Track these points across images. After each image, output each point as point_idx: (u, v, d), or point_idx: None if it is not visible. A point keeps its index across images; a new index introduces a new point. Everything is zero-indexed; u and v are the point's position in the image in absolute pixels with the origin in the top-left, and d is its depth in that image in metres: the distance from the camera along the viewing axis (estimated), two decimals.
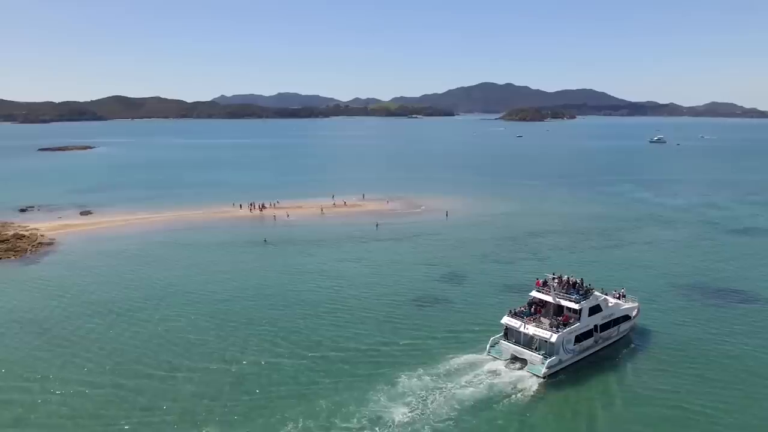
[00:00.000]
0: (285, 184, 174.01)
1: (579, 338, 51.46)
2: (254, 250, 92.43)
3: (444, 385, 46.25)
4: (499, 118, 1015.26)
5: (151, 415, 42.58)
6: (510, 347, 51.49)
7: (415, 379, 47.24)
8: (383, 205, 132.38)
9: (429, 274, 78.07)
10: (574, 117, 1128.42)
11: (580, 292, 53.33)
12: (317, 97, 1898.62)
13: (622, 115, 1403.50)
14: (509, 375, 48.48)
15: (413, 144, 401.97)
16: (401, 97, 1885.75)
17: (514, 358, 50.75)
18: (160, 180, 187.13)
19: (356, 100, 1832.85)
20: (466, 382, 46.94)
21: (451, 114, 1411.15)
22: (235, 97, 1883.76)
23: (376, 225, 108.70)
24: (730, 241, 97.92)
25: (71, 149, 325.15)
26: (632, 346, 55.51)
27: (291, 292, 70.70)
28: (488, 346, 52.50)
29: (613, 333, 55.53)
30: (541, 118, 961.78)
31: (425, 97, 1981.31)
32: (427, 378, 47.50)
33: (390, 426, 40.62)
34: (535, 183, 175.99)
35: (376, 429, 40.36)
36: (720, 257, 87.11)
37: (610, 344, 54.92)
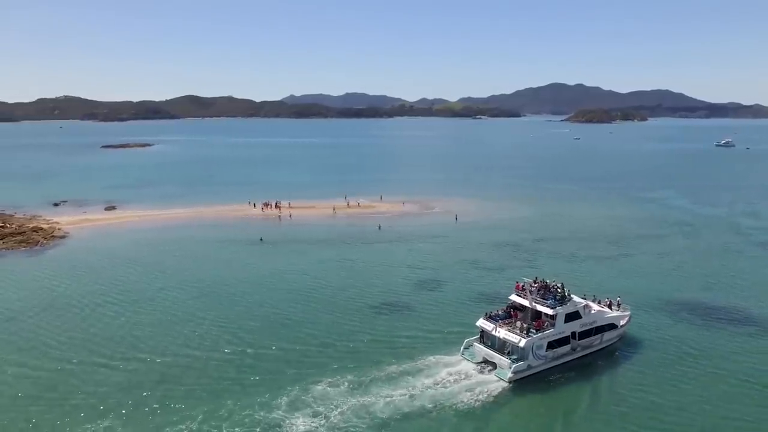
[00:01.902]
0: (315, 183, 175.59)
1: (552, 344, 49.87)
2: (247, 248, 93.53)
3: (406, 384, 46.23)
4: (565, 119, 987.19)
5: (67, 401, 44.39)
6: (482, 350, 50.76)
7: (375, 378, 47.19)
8: (398, 206, 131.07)
9: (414, 277, 76.67)
10: (646, 119, 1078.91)
11: (557, 298, 51.67)
12: (384, 97, 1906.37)
13: (699, 117, 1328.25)
14: (476, 378, 47.80)
15: (463, 145, 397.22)
16: (468, 97, 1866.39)
17: (486, 362, 49.85)
18: (197, 177, 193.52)
19: (423, 100, 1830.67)
20: (430, 382, 46.67)
21: (517, 115, 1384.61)
22: (303, 96, 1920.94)
23: (379, 227, 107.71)
24: (754, 255, 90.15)
25: (131, 147, 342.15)
26: (615, 356, 52.99)
27: (264, 290, 71.37)
28: (462, 348, 51.83)
29: (595, 341, 53.33)
30: (610, 120, 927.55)
31: (492, 97, 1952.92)
32: (389, 376, 47.56)
33: (323, 423, 40.88)
34: (570, 187, 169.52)
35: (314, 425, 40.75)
36: (736, 272, 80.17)
37: (591, 353, 52.75)
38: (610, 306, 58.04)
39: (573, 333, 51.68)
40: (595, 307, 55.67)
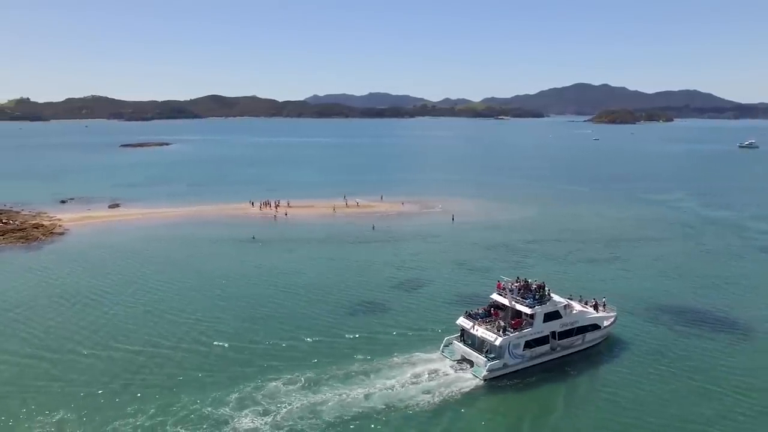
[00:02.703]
0: (322, 183, 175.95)
1: (530, 344, 49.73)
2: (238, 246, 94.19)
3: (381, 380, 46.65)
4: (589, 120, 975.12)
5: (24, 392, 45.37)
6: (461, 348, 50.92)
7: (337, 375, 47.51)
8: (398, 206, 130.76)
9: (400, 276, 76.59)
10: (672, 120, 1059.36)
11: (536, 297, 51.44)
12: (407, 97, 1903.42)
13: (727, 117, 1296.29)
14: (453, 375, 47.80)
15: (479, 145, 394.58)
16: (492, 97, 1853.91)
17: (464, 360, 49.97)
18: (207, 176, 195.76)
19: (446, 100, 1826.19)
20: (405, 378, 46.97)
21: (540, 115, 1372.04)
22: (327, 96, 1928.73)
23: (372, 227, 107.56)
24: (754, 259, 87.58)
25: (149, 146, 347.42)
26: (597, 358, 52.44)
27: (246, 286, 72.28)
28: (442, 345, 51.99)
29: (576, 342, 52.99)
30: (634, 121, 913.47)
31: (516, 98, 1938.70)
32: (358, 373, 47.92)
33: (268, 420, 40.97)
34: (579, 188, 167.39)
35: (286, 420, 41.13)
36: (730, 276, 77.86)
37: (572, 353, 52.43)
38: (596, 307, 57.44)
39: (553, 333, 51.51)
40: (577, 307, 55.31)
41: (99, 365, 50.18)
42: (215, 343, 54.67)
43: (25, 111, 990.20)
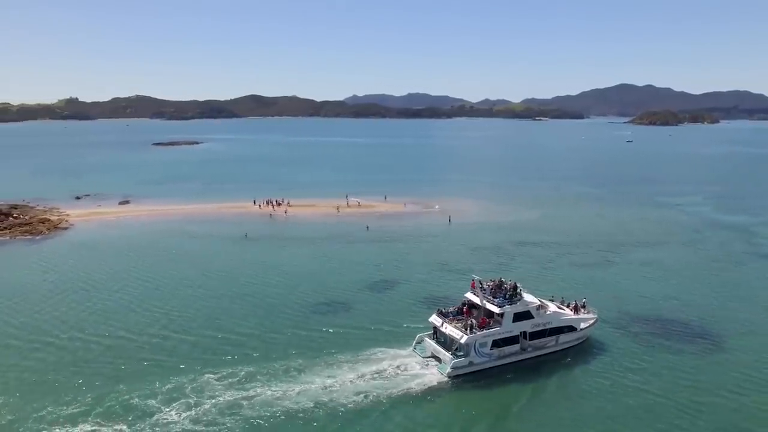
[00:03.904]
0: (334, 182, 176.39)
1: (498, 343, 49.75)
2: (229, 243, 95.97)
3: (348, 374, 47.39)
4: (629, 121, 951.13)
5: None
6: (431, 345, 51.39)
7: (316, 367, 48.70)
8: (400, 207, 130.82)
9: (384, 276, 76.88)
10: (717, 121, 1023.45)
11: (507, 296, 51.47)
12: (446, 97, 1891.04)
13: None
14: (419, 372, 48.25)
15: (506, 146, 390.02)
16: (532, 98, 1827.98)
17: (433, 357, 50.48)
18: (224, 174, 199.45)
19: (485, 101, 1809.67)
20: (371, 373, 47.57)
21: (580, 117, 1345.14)
22: (366, 96, 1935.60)
23: (367, 227, 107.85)
24: (754, 267, 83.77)
25: (180, 144, 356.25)
26: (570, 360, 51.86)
27: (224, 282, 73.91)
28: (414, 342, 52.61)
29: (549, 343, 52.63)
30: (677, 122, 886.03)
31: (557, 98, 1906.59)
32: (329, 366, 48.89)
33: (189, 414, 41.71)
34: (592, 190, 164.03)
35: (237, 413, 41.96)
36: (722, 285, 74.35)
37: (545, 354, 52.18)
38: (576, 309, 56.69)
39: (523, 333, 51.22)
40: (552, 308, 54.79)
41: (56, 353, 52.27)
42: (173, 335, 56.41)
43: (73, 110, 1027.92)
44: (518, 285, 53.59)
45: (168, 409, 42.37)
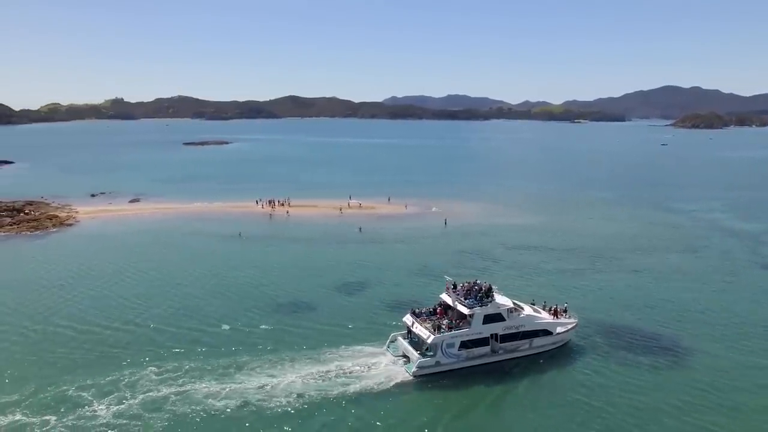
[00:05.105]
0: (346, 183, 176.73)
1: (467, 344, 50.17)
2: (223, 241, 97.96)
3: (317, 370, 48.37)
4: (670, 124, 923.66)
5: None
6: (403, 345, 52.21)
7: (284, 362, 49.95)
8: (401, 208, 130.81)
9: (365, 276, 77.47)
10: (767, 124, 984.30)
11: (477, 297, 51.81)
12: (486, 99, 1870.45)
13: None
14: (386, 370, 48.98)
15: (531, 149, 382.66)
16: (573, 100, 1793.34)
17: (404, 356, 51.32)
18: (242, 174, 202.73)
19: (525, 103, 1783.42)
20: (341, 370, 48.59)
21: (621, 119, 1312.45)
22: (405, 98, 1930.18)
23: (359, 229, 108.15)
24: (750, 279, 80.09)
25: (210, 144, 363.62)
26: (545, 365, 51.55)
27: (206, 278, 76.27)
28: (388, 341, 53.47)
29: (522, 346, 52.64)
30: (722, 125, 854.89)
31: (599, 101, 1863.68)
32: (300, 362, 49.92)
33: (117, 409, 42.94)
34: (603, 194, 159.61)
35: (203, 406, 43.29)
36: (714, 297, 71.29)
37: (518, 357, 52.24)
38: (555, 313, 56.15)
39: (494, 335, 51.29)
40: (527, 311, 54.55)
41: (15, 343, 54.86)
42: (133, 328, 58.57)
43: (118, 110, 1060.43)
44: (493, 287, 53.64)
45: (98, 402, 43.78)
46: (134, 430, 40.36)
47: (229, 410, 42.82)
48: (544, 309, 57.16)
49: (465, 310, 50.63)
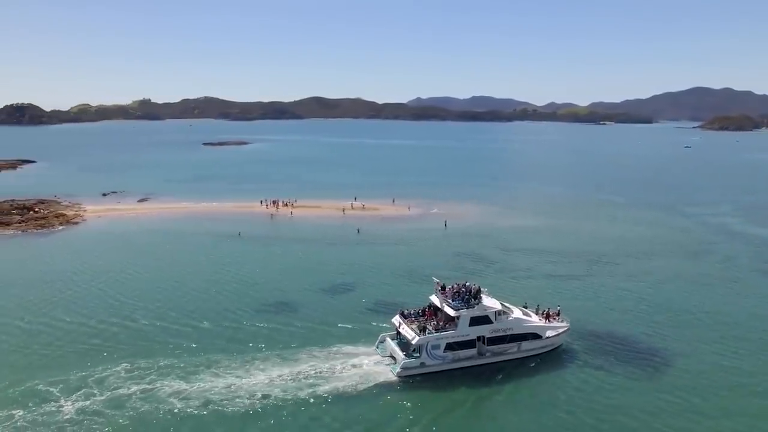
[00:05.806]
0: (353, 184, 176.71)
1: (452, 346, 50.31)
2: (222, 240, 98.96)
3: (299, 370, 48.85)
4: (698, 126, 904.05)
5: None
6: (391, 345, 52.60)
7: (272, 360, 50.84)
8: (404, 210, 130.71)
9: (359, 277, 77.85)
10: None
11: (464, 299, 51.87)
12: (510, 100, 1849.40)
13: None
14: (372, 370, 49.41)
15: (553, 151, 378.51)
16: (600, 102, 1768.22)
17: (392, 356, 51.79)
18: (252, 174, 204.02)
19: (551, 104, 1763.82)
20: (327, 368, 49.11)
21: (648, 121, 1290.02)
22: (429, 99, 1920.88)
23: (358, 230, 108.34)
24: (751, 285, 78.27)
25: (228, 144, 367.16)
26: (534, 368, 51.29)
27: (199, 276, 77.33)
28: (377, 342, 53.92)
29: (510, 349, 52.50)
30: (753, 127, 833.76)
31: (626, 102, 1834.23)
32: (284, 360, 50.73)
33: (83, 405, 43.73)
34: (614, 198, 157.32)
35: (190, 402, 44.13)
36: (710, 303, 69.60)
37: (506, 360, 52.11)
38: (547, 316, 55.94)
39: (481, 338, 51.18)
40: (516, 314, 54.20)
41: (8, 338, 56.24)
42: (116, 325, 59.70)
43: (145, 111, 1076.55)
44: (482, 289, 53.52)
45: (65, 398, 44.65)
46: (95, 427, 41.06)
47: (189, 410, 43.32)
48: (536, 312, 56.87)
49: (451, 312, 50.57)
